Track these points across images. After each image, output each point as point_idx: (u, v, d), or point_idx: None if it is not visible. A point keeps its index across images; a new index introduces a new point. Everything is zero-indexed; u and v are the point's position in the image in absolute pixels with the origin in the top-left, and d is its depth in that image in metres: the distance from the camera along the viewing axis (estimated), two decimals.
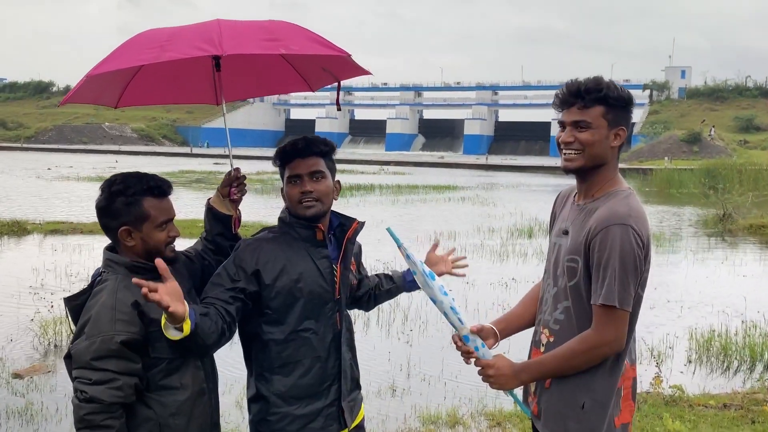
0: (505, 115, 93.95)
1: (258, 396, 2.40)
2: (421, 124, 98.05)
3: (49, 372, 5.94)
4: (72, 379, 2.17)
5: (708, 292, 9.63)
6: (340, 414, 2.44)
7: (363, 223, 2.53)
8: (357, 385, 2.56)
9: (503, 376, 2.20)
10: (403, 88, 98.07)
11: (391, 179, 32.24)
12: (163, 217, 2.30)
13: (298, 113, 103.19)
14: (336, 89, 3.05)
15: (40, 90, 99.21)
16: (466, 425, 4.98)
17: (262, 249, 2.37)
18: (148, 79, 2.90)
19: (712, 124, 56.68)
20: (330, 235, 2.47)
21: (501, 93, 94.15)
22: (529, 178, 37.86)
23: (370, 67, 2.90)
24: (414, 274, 2.36)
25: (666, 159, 45.74)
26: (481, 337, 2.35)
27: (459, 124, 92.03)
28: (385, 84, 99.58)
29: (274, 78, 3.19)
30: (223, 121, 2.95)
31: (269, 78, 3.20)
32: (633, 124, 72.07)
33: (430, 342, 7.06)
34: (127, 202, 2.25)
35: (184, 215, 15.64)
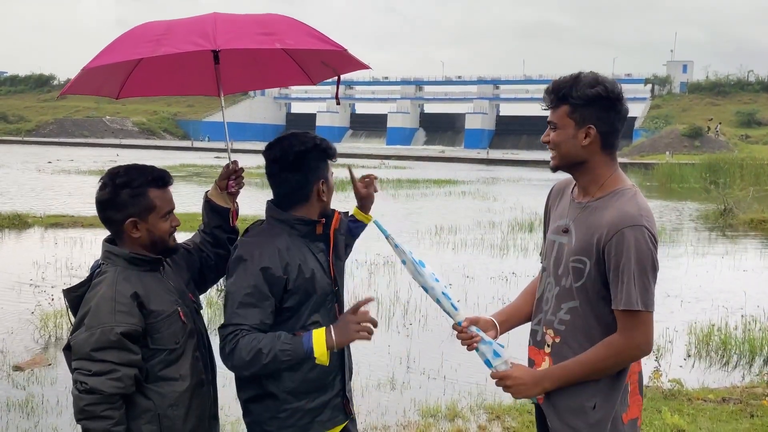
0: (507, 110, 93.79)
1: (265, 394, 2.36)
2: (422, 118, 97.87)
3: (50, 364, 5.96)
4: (71, 370, 2.18)
5: (708, 286, 9.64)
6: (344, 404, 2.46)
7: (346, 213, 2.56)
8: (351, 375, 2.59)
9: (523, 385, 2.17)
10: (404, 82, 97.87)
11: (391, 173, 32.20)
12: (167, 207, 2.33)
13: (299, 107, 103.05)
14: (336, 83, 3.04)
15: (41, 83, 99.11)
16: (466, 418, 4.99)
17: (280, 252, 2.31)
18: (150, 71, 2.90)
19: (718, 122, 56.50)
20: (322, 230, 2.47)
21: (502, 87, 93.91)
22: (529, 172, 37.83)
23: (369, 61, 2.90)
24: (404, 263, 2.36)
25: (667, 153, 45.66)
26: (478, 327, 2.33)
27: (460, 119, 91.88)
28: (386, 78, 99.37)
29: (275, 71, 3.19)
30: (228, 115, 2.95)
31: (270, 71, 3.19)
32: (635, 119, 72.39)
33: (430, 336, 7.08)
34: (132, 194, 2.26)
35: (185, 209, 15.65)
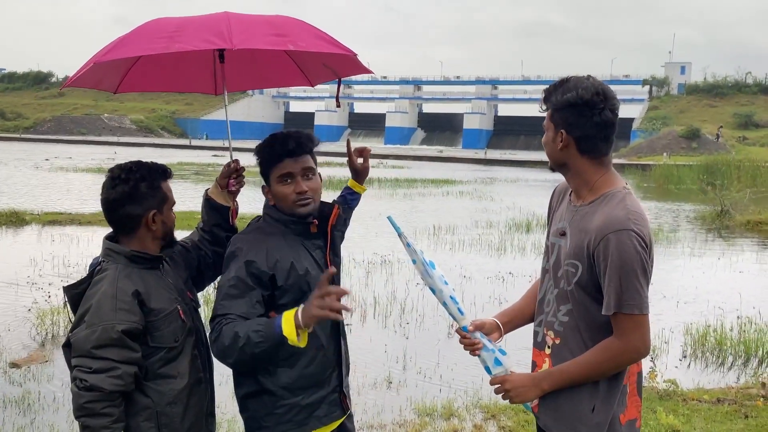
0: (505, 110, 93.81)
1: (261, 390, 2.37)
2: (420, 117, 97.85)
3: (47, 361, 5.96)
4: (71, 367, 2.19)
5: (704, 287, 9.66)
6: (341, 400, 2.47)
7: (345, 208, 2.56)
8: (348, 370, 2.59)
9: (522, 387, 2.18)
10: (402, 82, 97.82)
11: (389, 173, 32.21)
12: (173, 199, 2.40)
13: (297, 106, 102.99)
14: (336, 84, 3.06)
15: (39, 80, 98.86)
16: (461, 417, 5.00)
17: (269, 250, 2.33)
18: (149, 67, 2.92)
19: (720, 125, 56.48)
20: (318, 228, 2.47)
21: (500, 87, 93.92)
22: (527, 172, 37.86)
23: (367, 60, 2.93)
24: (414, 263, 2.36)
25: (665, 155, 45.69)
26: (483, 332, 2.34)
27: (458, 118, 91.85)
28: (384, 77, 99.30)
29: (274, 71, 3.21)
30: (224, 113, 2.97)
31: (270, 71, 3.22)
32: (632, 120, 72.39)
33: (427, 335, 7.09)
34: (150, 186, 2.30)
35: (183, 207, 15.66)
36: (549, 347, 2.22)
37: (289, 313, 2.15)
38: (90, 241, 11.25)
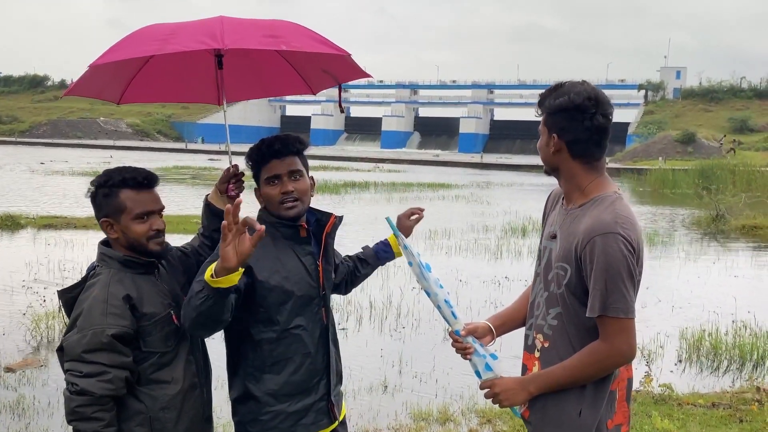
0: (501, 114, 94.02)
1: (247, 396, 2.38)
2: (416, 121, 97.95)
3: (41, 366, 5.95)
4: (64, 371, 2.19)
5: (699, 292, 9.68)
6: (329, 408, 2.46)
7: (341, 217, 2.54)
8: (340, 378, 2.58)
9: (510, 391, 2.19)
10: (399, 86, 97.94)
11: (386, 177, 32.23)
12: (140, 209, 2.29)
13: (293, 110, 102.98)
14: (337, 90, 3.07)
15: (35, 84, 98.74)
16: (457, 422, 5.00)
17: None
18: (152, 77, 2.91)
19: (723, 134, 56.60)
20: (309, 232, 2.47)
21: (497, 92, 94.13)
22: (523, 176, 37.91)
23: (363, 64, 2.92)
24: (410, 265, 2.37)
25: (660, 159, 45.78)
26: (475, 336, 2.35)
27: (454, 123, 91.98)
28: (381, 81, 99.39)
29: (276, 79, 3.20)
30: (220, 117, 3.01)
31: (271, 79, 3.20)
32: (628, 124, 72.59)
33: (423, 339, 7.09)
34: (104, 194, 2.30)
35: (179, 211, 15.63)
36: (538, 350, 2.23)
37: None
38: (85, 245, 11.22)
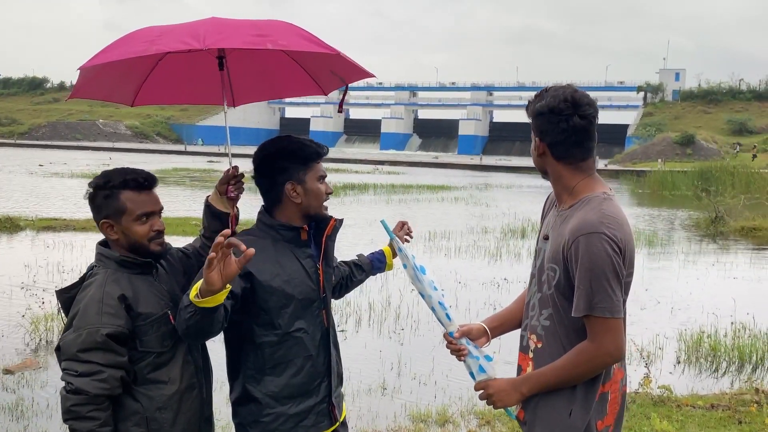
0: (500, 116, 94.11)
1: (248, 398, 2.38)
2: (416, 123, 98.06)
3: (40, 368, 5.94)
4: (61, 370, 2.20)
5: (698, 293, 9.69)
6: (330, 410, 2.46)
7: (341, 220, 2.54)
8: (341, 380, 2.58)
9: (503, 392, 2.20)
10: (398, 88, 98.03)
11: (385, 179, 32.26)
12: (141, 210, 2.29)
13: (292, 112, 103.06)
14: (337, 92, 3.07)
15: (34, 86, 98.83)
16: (456, 424, 5.00)
17: (253, 248, 2.33)
18: (163, 79, 2.93)
19: (736, 142, 56.60)
20: (309, 235, 2.47)
21: (496, 94, 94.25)
22: (523, 178, 37.94)
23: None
24: (405, 267, 2.37)
25: (659, 161, 45.87)
26: (470, 337, 2.35)
27: (454, 125, 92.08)
28: (380, 83, 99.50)
29: (286, 81, 3.17)
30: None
31: (282, 81, 3.18)
32: (627, 126, 72.65)
33: (422, 341, 7.09)
34: (105, 195, 2.29)
35: (178, 213, 15.63)
36: (532, 351, 2.24)
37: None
38: (84, 247, 11.22)
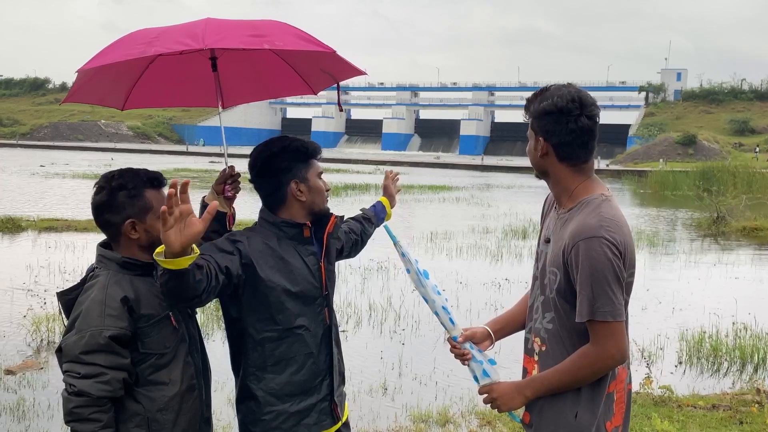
0: (501, 116, 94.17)
1: (250, 395, 2.39)
2: (417, 124, 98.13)
3: (41, 368, 5.95)
4: (63, 372, 2.20)
5: (700, 293, 9.68)
6: (332, 408, 2.46)
7: (341, 217, 2.57)
8: (343, 379, 2.59)
9: (507, 396, 2.20)
10: (399, 88, 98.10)
11: None
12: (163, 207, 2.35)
13: (294, 112, 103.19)
14: (336, 90, 3.08)
15: (36, 87, 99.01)
16: (457, 424, 5.00)
17: (256, 242, 2.37)
18: (154, 82, 2.93)
19: (756, 145, 56.58)
20: (311, 233, 2.48)
21: (497, 94, 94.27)
22: (524, 178, 37.91)
23: (364, 66, 2.93)
24: (408, 272, 2.38)
25: (661, 161, 45.86)
26: (474, 341, 2.35)
27: (455, 125, 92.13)
28: (381, 84, 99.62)
29: (276, 81, 3.20)
30: (220, 120, 2.98)
31: (272, 82, 3.21)
32: (629, 126, 72.64)
33: (422, 341, 7.09)
34: (130, 195, 2.29)
35: None
36: (537, 354, 2.24)
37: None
38: (86, 248, 11.23)
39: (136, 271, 2.31)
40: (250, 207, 2.55)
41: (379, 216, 3.08)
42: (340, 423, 2.51)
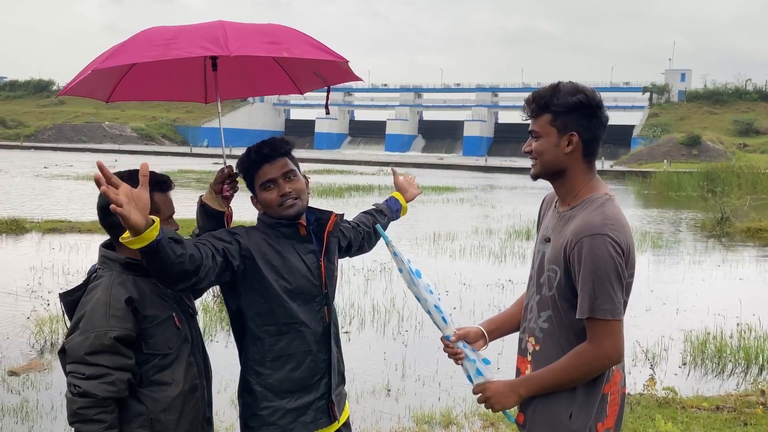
0: (505, 117, 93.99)
1: (248, 390, 2.41)
2: (420, 125, 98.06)
3: (45, 369, 5.96)
4: (66, 373, 2.20)
5: (704, 294, 9.65)
6: (329, 407, 2.46)
7: (342, 215, 2.56)
8: (343, 379, 2.59)
9: (500, 394, 2.19)
10: (403, 89, 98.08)
11: (389, 180, 32.12)
12: (170, 211, 2.38)
13: (297, 114, 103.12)
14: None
15: (40, 88, 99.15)
16: (460, 425, 5.00)
17: (256, 237, 2.38)
18: (140, 76, 2.95)
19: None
20: (309, 231, 2.48)
21: (501, 95, 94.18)
22: (528, 179, 37.62)
23: (366, 68, 2.95)
24: (400, 271, 2.38)
25: (665, 162, 45.77)
26: (468, 341, 2.35)
27: (459, 126, 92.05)
28: (385, 85, 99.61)
29: (264, 79, 3.25)
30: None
31: (260, 79, 3.26)
32: (633, 127, 72.45)
33: (425, 342, 7.08)
34: None
35: (184, 214, 15.64)
36: (530, 354, 2.23)
37: None
38: (89, 249, 11.24)
39: (139, 271, 2.31)
40: (248, 207, 2.55)
41: (392, 208, 3.06)
42: (339, 423, 2.52)
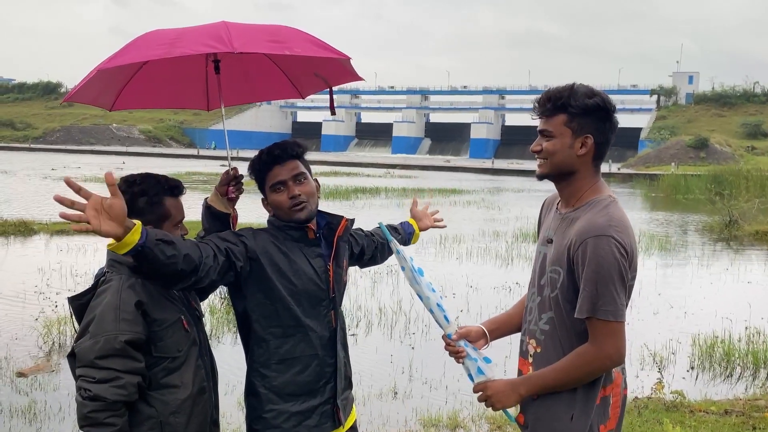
0: (512, 119, 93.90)
1: (253, 392, 2.41)
2: (427, 127, 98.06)
3: (53, 371, 5.98)
4: (75, 377, 2.20)
5: (712, 298, 9.61)
6: (334, 412, 2.46)
7: (352, 220, 2.56)
8: (349, 383, 2.59)
9: (501, 393, 2.19)
10: (409, 92, 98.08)
11: (396, 182, 32.26)
12: (180, 216, 2.40)
13: (305, 116, 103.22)
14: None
15: (48, 91, 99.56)
16: (467, 428, 4.99)
17: (263, 239, 2.38)
18: (143, 84, 2.97)
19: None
20: (319, 235, 2.48)
21: (508, 97, 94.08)
22: (534, 182, 37.61)
23: (362, 69, 2.94)
24: (403, 269, 2.38)
25: (673, 165, 45.61)
26: (469, 339, 2.36)
27: (465, 128, 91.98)
28: (392, 87, 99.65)
29: (265, 85, 3.25)
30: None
31: (261, 84, 3.26)
32: (640, 130, 72.18)
33: (433, 345, 7.07)
34: (150, 202, 2.32)
35: (192, 217, 15.70)
36: (531, 356, 2.24)
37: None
38: (97, 251, 11.29)
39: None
40: (253, 209, 2.56)
41: (406, 230, 3.09)
42: (345, 428, 2.51)
